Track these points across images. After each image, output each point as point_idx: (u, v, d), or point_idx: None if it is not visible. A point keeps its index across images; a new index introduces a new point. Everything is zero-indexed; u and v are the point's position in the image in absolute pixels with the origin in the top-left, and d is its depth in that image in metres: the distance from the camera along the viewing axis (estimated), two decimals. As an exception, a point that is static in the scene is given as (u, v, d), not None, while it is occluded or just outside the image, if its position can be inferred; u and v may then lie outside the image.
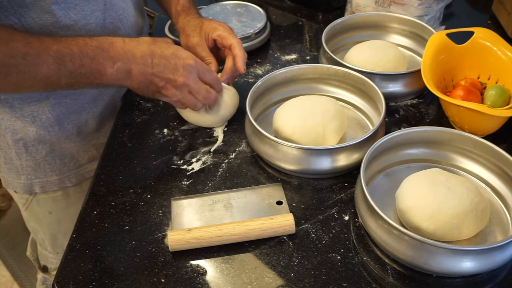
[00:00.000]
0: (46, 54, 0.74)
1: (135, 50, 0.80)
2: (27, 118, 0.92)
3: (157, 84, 0.81)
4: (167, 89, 0.82)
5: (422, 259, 0.65)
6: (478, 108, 0.81)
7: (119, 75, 0.79)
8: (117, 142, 0.91)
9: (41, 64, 0.74)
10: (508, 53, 0.91)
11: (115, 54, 0.78)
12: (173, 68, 0.81)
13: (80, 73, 0.77)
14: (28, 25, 0.81)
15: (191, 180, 0.83)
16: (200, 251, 0.71)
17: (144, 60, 0.80)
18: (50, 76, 0.75)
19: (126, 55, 0.79)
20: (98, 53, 0.77)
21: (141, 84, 0.81)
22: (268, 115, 0.94)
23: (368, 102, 0.93)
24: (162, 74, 0.80)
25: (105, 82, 0.80)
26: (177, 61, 0.81)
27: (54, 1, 0.80)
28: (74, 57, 0.76)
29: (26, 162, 0.97)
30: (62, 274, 0.70)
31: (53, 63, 0.75)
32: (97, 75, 0.78)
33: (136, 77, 0.80)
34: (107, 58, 0.78)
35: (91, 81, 0.79)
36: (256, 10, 1.20)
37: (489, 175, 0.79)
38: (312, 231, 0.74)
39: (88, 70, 0.77)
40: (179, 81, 0.81)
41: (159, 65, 0.80)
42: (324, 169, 0.80)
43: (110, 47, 0.78)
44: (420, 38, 1.08)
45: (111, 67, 0.78)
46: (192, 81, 0.82)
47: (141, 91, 0.83)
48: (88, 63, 0.77)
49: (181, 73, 0.81)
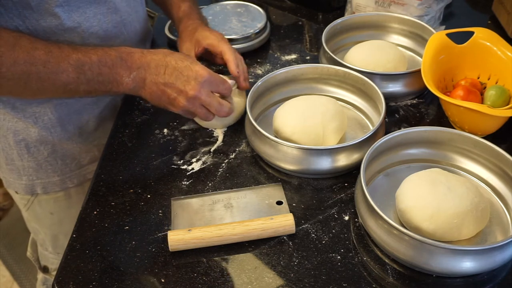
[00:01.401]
0: (66, 62, 0.76)
1: (151, 60, 0.81)
2: (29, 119, 0.92)
3: (169, 95, 0.81)
4: (178, 101, 0.82)
5: (422, 259, 0.65)
6: (478, 108, 0.81)
7: (134, 84, 0.80)
8: (117, 142, 0.91)
9: (61, 72, 0.76)
10: (508, 53, 0.91)
11: (132, 64, 0.80)
12: (185, 80, 0.81)
13: (98, 81, 0.79)
14: (32, 27, 0.81)
15: (191, 180, 0.83)
16: (200, 251, 0.71)
17: (158, 70, 0.81)
18: (69, 83, 0.77)
19: (142, 65, 0.80)
20: (117, 63, 0.79)
21: (153, 94, 0.82)
22: (268, 115, 0.94)
23: (368, 102, 0.93)
24: (174, 85, 0.81)
25: (121, 91, 0.81)
26: (189, 73, 0.81)
27: (58, 4, 0.81)
28: (93, 66, 0.78)
29: (28, 163, 0.97)
30: (62, 274, 0.70)
31: (73, 71, 0.76)
32: (114, 84, 0.80)
33: (149, 86, 0.81)
34: (125, 68, 0.79)
35: (108, 89, 0.80)
36: (256, 10, 1.20)
37: (489, 175, 0.79)
38: (312, 231, 0.74)
39: (106, 79, 0.79)
40: (190, 94, 0.81)
41: (171, 76, 0.81)
42: (324, 169, 0.80)
43: (128, 57, 0.80)
44: (420, 38, 1.08)
45: (128, 76, 0.80)
46: (204, 94, 0.82)
47: (154, 102, 0.83)
48: (106, 72, 0.78)
49: (193, 85, 0.81)
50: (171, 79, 0.80)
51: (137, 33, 1.00)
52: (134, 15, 0.98)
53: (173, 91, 0.81)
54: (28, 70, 0.74)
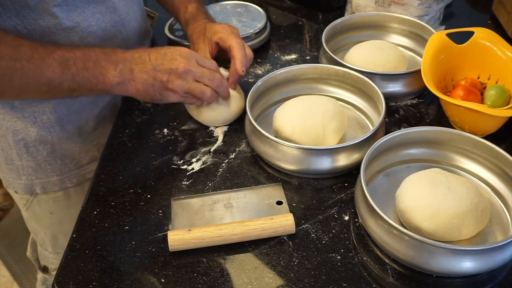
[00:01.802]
0: (51, 57, 0.76)
1: (133, 53, 0.83)
2: (28, 118, 0.92)
3: (160, 79, 0.82)
4: (172, 81, 0.82)
5: (422, 259, 0.65)
6: (478, 108, 0.81)
7: (122, 77, 0.80)
8: (117, 142, 0.91)
9: (45, 68, 0.76)
10: (508, 53, 0.91)
11: (116, 58, 0.81)
12: (171, 59, 0.82)
13: (83, 77, 0.78)
14: (30, 26, 0.81)
15: (191, 180, 0.83)
16: (200, 251, 0.71)
17: (142, 59, 0.82)
18: (53, 79, 0.77)
19: (126, 58, 0.82)
20: (101, 57, 0.80)
21: (145, 83, 0.81)
22: (268, 115, 0.94)
23: (368, 102, 0.93)
24: (162, 66, 0.81)
25: (107, 87, 0.81)
26: (173, 52, 0.83)
27: (56, 3, 0.81)
28: (77, 61, 0.78)
29: (27, 162, 0.97)
30: (62, 274, 0.70)
31: (57, 66, 0.76)
32: (99, 78, 0.79)
33: (138, 76, 0.81)
34: (109, 61, 0.80)
35: (93, 85, 0.80)
36: (256, 10, 1.20)
37: (489, 175, 0.79)
38: (312, 231, 0.74)
39: (91, 74, 0.79)
40: (180, 68, 0.82)
41: (156, 59, 0.82)
42: (324, 169, 0.80)
43: (111, 52, 0.81)
44: (420, 38, 1.08)
45: (114, 69, 0.80)
46: (194, 66, 0.83)
47: (147, 93, 0.83)
48: (91, 66, 0.79)
49: (180, 60, 0.82)
50: (158, 62, 0.82)
51: (136, 32, 1.00)
52: (132, 14, 0.98)
53: (163, 74, 0.82)
54: (12, 65, 0.74)
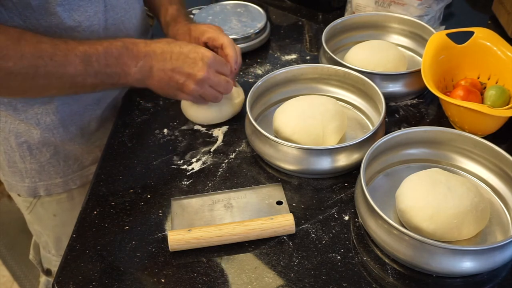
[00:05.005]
0: (73, 54, 0.76)
1: (155, 48, 0.82)
2: (31, 120, 0.91)
3: (177, 80, 0.82)
4: (188, 85, 0.82)
5: (422, 259, 0.65)
6: (478, 108, 0.81)
7: (141, 73, 0.81)
8: (117, 142, 0.91)
9: (68, 65, 0.76)
10: (508, 53, 0.91)
11: (138, 53, 0.80)
12: (192, 63, 0.82)
13: (106, 73, 0.79)
14: (33, 26, 0.81)
15: (191, 180, 0.83)
16: (200, 251, 0.71)
17: (164, 56, 0.81)
18: (76, 76, 0.77)
19: (147, 53, 0.81)
20: (123, 52, 0.79)
21: (161, 81, 0.82)
22: (268, 115, 0.94)
23: (368, 102, 0.93)
24: (182, 69, 0.81)
25: (129, 82, 0.81)
26: (195, 55, 0.82)
27: (59, 3, 0.81)
28: (99, 57, 0.78)
29: (30, 165, 0.96)
30: (62, 274, 0.70)
31: (80, 63, 0.76)
32: (122, 75, 0.80)
33: (156, 73, 0.81)
34: (131, 57, 0.80)
35: (116, 81, 0.80)
36: (256, 10, 1.20)
37: (489, 175, 0.79)
38: (312, 231, 0.74)
39: (114, 70, 0.79)
40: (199, 75, 0.82)
41: (177, 60, 0.81)
42: (324, 169, 0.80)
43: (133, 46, 0.81)
44: (420, 38, 1.08)
45: (135, 66, 0.80)
46: (212, 75, 0.83)
47: (162, 90, 0.83)
48: (113, 63, 0.78)
49: (200, 67, 0.82)
50: (178, 63, 0.81)
51: (136, 30, 1.00)
52: (132, 12, 0.97)
53: (181, 76, 0.82)
54: (35, 63, 0.73)
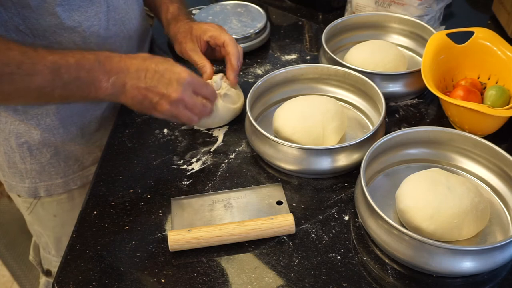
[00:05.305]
0: (42, 64, 0.72)
1: (130, 65, 0.78)
2: (31, 121, 0.91)
3: (151, 99, 0.78)
4: (161, 105, 0.79)
5: (422, 259, 0.65)
6: (478, 108, 0.81)
7: (114, 89, 0.77)
8: (117, 142, 0.91)
9: (36, 74, 0.72)
10: (508, 53, 0.91)
11: (111, 68, 0.76)
12: (167, 83, 0.78)
13: (76, 86, 0.75)
14: (32, 26, 0.81)
15: (191, 180, 0.83)
16: (200, 251, 0.71)
17: (138, 74, 0.77)
18: (44, 87, 0.73)
19: (121, 69, 0.77)
20: (95, 66, 0.75)
21: (134, 99, 0.78)
22: (268, 115, 0.94)
23: (368, 102, 0.93)
24: (156, 89, 0.78)
25: (100, 97, 0.77)
26: (171, 75, 0.78)
27: (59, 3, 0.80)
28: (70, 69, 0.74)
29: (31, 165, 0.96)
30: (62, 274, 0.70)
31: (48, 73, 0.73)
32: (92, 88, 0.76)
33: (129, 91, 0.77)
34: (103, 72, 0.76)
35: (86, 94, 0.76)
36: (256, 10, 1.20)
37: (489, 175, 0.79)
38: (312, 231, 0.74)
39: (84, 83, 0.75)
40: (173, 97, 0.78)
41: (152, 79, 0.78)
42: (324, 169, 0.80)
43: (106, 61, 0.77)
44: (420, 38, 1.08)
45: (107, 81, 0.76)
46: (187, 97, 0.80)
47: (136, 107, 0.80)
48: (84, 76, 0.75)
49: (175, 88, 0.78)
50: (153, 83, 0.77)
51: (136, 31, 1.00)
52: (132, 12, 0.97)
53: (155, 95, 0.78)
54: (1, 70, 0.70)
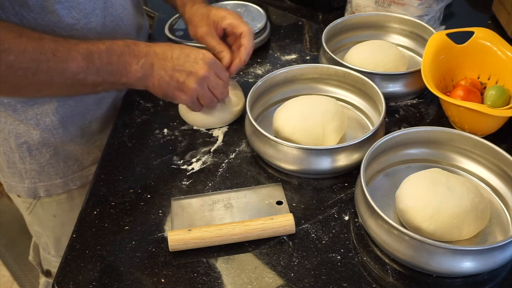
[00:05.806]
0: (75, 51, 0.76)
1: (156, 48, 0.82)
2: (31, 121, 0.91)
3: (178, 79, 0.82)
4: (188, 84, 0.82)
5: (422, 259, 0.65)
6: (478, 108, 0.81)
7: (143, 71, 0.80)
8: (117, 142, 0.91)
9: (70, 61, 0.75)
10: (508, 53, 0.91)
11: (139, 52, 0.81)
12: (193, 61, 0.82)
13: (107, 71, 0.78)
14: (30, 25, 0.81)
15: (191, 180, 0.83)
16: (200, 251, 0.71)
17: (165, 55, 0.82)
18: (78, 73, 0.76)
19: (148, 52, 0.81)
20: (125, 51, 0.80)
21: (162, 80, 0.82)
22: (268, 115, 0.94)
23: (368, 102, 0.93)
24: (183, 67, 0.82)
25: (130, 81, 0.81)
26: (196, 55, 0.83)
27: (58, 0, 0.80)
28: (102, 54, 0.77)
29: (30, 165, 0.96)
30: (62, 274, 0.70)
31: (82, 60, 0.76)
32: (123, 72, 0.80)
33: (157, 72, 0.81)
34: (133, 55, 0.80)
35: (117, 79, 0.80)
36: (256, 10, 1.20)
37: (489, 175, 0.79)
38: (312, 231, 0.74)
39: (115, 68, 0.79)
40: (200, 73, 0.82)
41: (179, 59, 0.82)
42: (324, 169, 0.80)
43: (134, 46, 0.81)
44: (420, 38, 1.08)
45: (136, 63, 0.80)
46: (212, 75, 0.84)
47: (162, 90, 0.83)
48: (115, 61, 0.78)
49: (201, 65, 0.82)
50: (180, 62, 0.82)
51: (134, 26, 1.00)
52: (129, 8, 0.98)
53: (182, 74, 0.82)
54: (37, 58, 0.72)
